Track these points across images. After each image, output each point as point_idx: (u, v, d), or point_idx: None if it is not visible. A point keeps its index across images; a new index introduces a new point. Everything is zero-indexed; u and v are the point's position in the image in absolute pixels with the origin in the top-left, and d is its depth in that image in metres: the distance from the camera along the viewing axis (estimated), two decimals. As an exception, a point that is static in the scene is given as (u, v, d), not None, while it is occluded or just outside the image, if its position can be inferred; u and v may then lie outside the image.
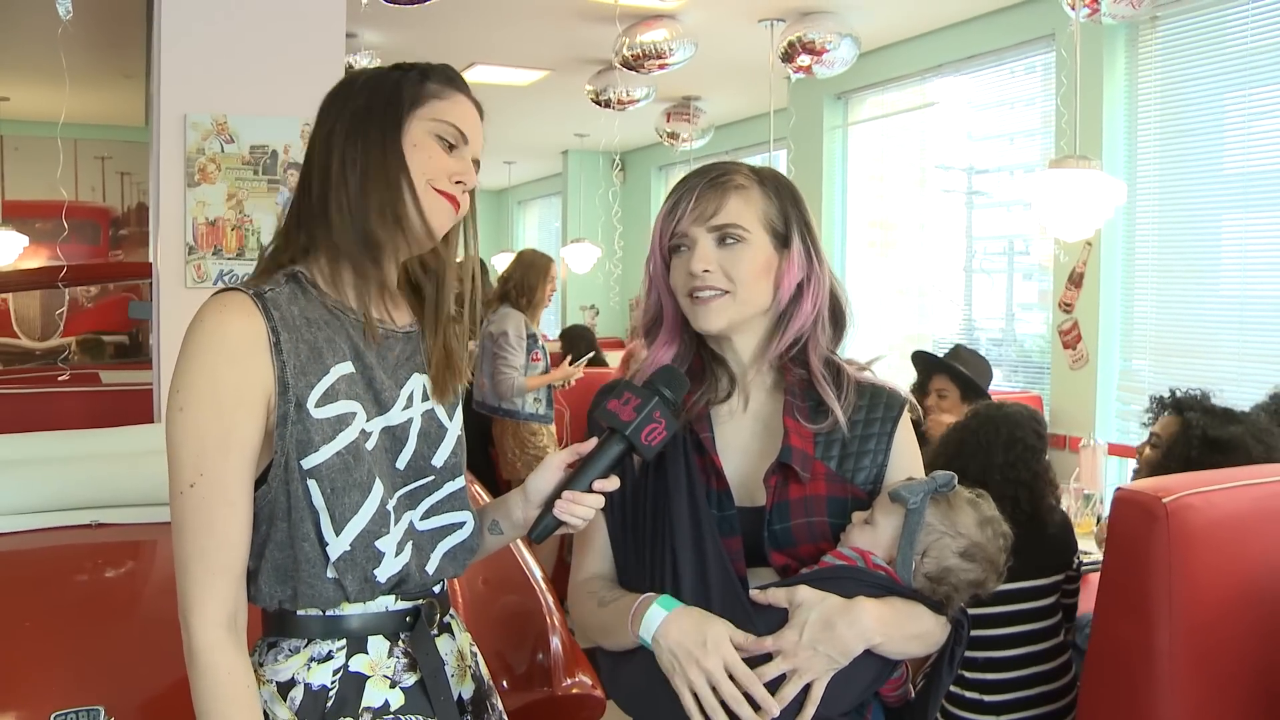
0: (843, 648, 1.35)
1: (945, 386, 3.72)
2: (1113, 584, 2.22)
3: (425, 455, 1.40)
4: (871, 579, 1.41)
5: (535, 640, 2.19)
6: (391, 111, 1.34)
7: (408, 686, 1.36)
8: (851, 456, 1.51)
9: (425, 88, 1.37)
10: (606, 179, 9.91)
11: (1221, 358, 4.61)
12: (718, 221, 1.46)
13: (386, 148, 1.33)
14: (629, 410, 1.37)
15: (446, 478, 1.43)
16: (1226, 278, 4.70)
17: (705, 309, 1.48)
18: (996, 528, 1.48)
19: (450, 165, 1.36)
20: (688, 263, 1.47)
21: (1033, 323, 5.96)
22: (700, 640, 1.32)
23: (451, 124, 1.37)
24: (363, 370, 1.34)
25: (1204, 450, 2.57)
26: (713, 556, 1.41)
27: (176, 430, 1.26)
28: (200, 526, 1.25)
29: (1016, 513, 2.51)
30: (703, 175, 1.50)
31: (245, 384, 1.26)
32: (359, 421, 1.32)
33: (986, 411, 2.74)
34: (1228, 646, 2.17)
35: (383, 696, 1.34)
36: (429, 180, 1.35)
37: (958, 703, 2.59)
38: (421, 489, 1.40)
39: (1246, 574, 2.19)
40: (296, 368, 1.28)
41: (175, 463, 1.26)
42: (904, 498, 1.42)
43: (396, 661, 1.36)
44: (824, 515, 1.47)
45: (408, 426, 1.38)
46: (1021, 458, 2.60)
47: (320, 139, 1.36)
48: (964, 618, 1.49)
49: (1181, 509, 2.10)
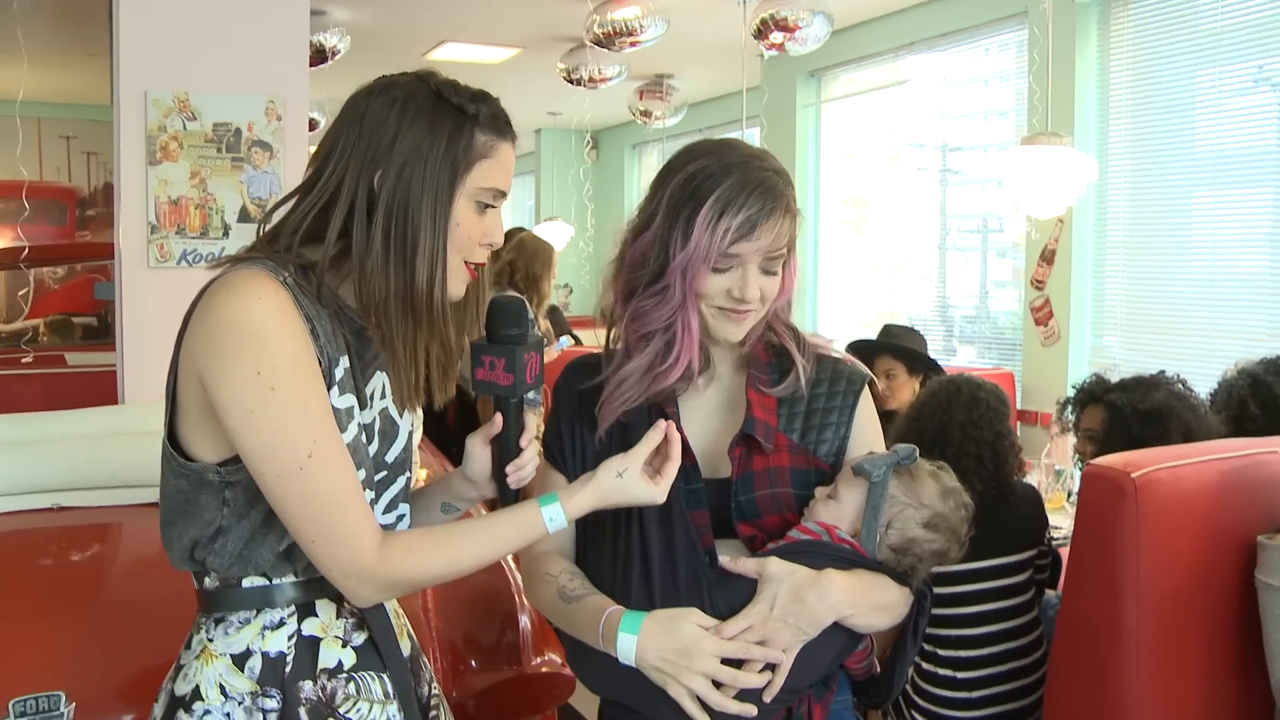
0: (812, 619, 1.36)
1: (890, 366, 3.72)
2: (1081, 559, 2.24)
3: (382, 452, 1.42)
4: (837, 552, 1.42)
5: (503, 619, 2.19)
6: (445, 184, 1.31)
7: (359, 645, 1.39)
8: (814, 429, 1.52)
9: (474, 145, 1.33)
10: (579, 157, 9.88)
11: (1191, 334, 4.64)
12: (773, 252, 1.43)
13: (435, 231, 1.31)
14: (500, 373, 1.38)
15: (399, 472, 1.45)
16: (1197, 255, 4.73)
17: (737, 326, 1.46)
18: (958, 498, 1.50)
19: (482, 229, 1.36)
20: (733, 285, 1.42)
21: (1005, 300, 5.99)
22: (681, 650, 1.32)
23: (494, 189, 1.36)
24: (351, 366, 1.36)
25: (1141, 424, 2.59)
26: (680, 530, 1.42)
27: (275, 410, 1.24)
28: (332, 490, 1.27)
29: (980, 470, 2.53)
30: (764, 198, 1.40)
31: (311, 356, 1.28)
32: (356, 414, 1.35)
33: (949, 377, 2.77)
34: (1193, 621, 2.19)
35: (336, 656, 1.37)
36: (463, 257, 1.35)
37: (931, 680, 2.60)
38: (380, 484, 1.42)
39: (1212, 548, 2.21)
40: (326, 354, 1.30)
41: (282, 441, 1.25)
42: (867, 471, 1.43)
43: (345, 622, 1.39)
44: (788, 486, 1.49)
45: (373, 425, 1.40)
46: (984, 417, 2.60)
47: (360, 161, 1.31)
48: (927, 589, 1.51)
49: (1150, 484, 2.12)
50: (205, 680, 1.33)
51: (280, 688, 1.33)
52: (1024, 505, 2.67)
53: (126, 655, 1.93)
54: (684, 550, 1.41)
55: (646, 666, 1.33)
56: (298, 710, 1.33)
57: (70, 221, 9.19)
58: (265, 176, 3.64)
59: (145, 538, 2.39)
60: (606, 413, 1.48)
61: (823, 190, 7.10)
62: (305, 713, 1.34)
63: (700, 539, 1.43)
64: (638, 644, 1.33)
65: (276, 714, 1.33)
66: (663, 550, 1.42)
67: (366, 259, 1.30)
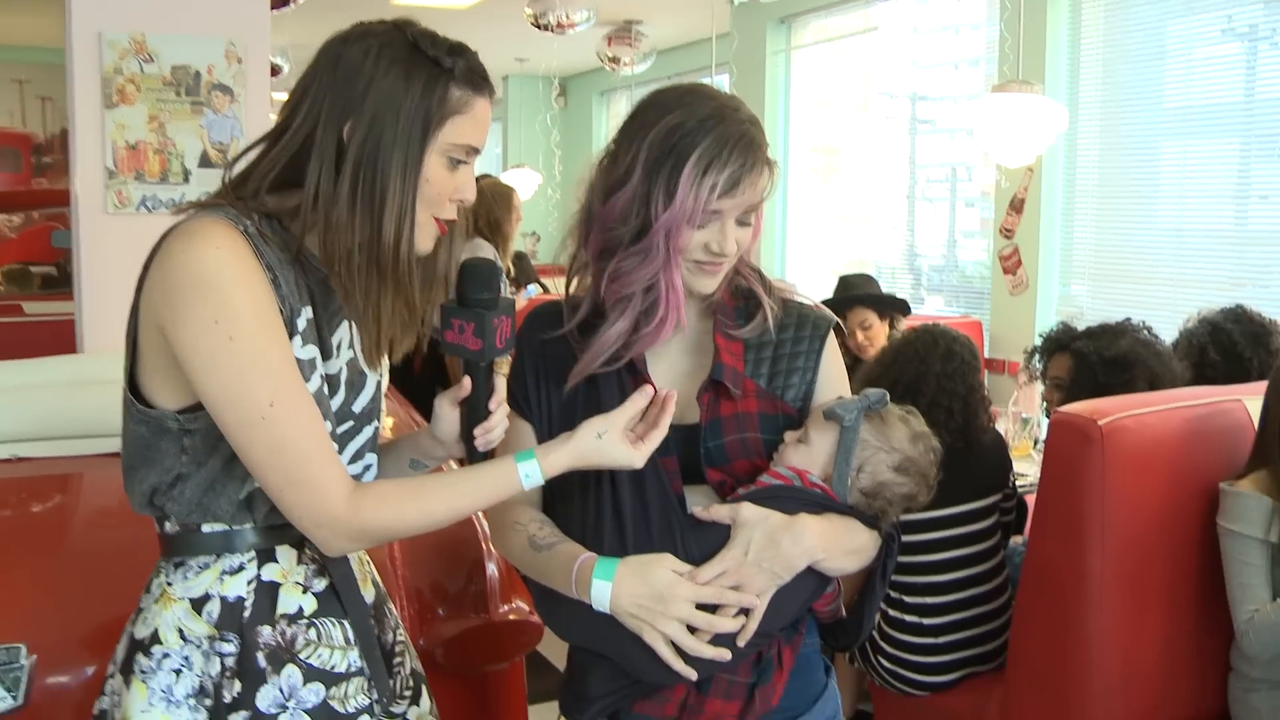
0: (787, 564, 1.37)
1: (863, 317, 3.73)
2: (1047, 506, 2.27)
3: (349, 402, 1.40)
4: (809, 497, 1.42)
5: (470, 567, 2.18)
6: (416, 139, 1.28)
7: (319, 591, 1.39)
8: (781, 374, 1.52)
9: (449, 99, 1.30)
10: (546, 104, 9.79)
11: (1158, 284, 4.68)
12: (750, 203, 1.42)
13: (405, 186, 1.29)
14: (470, 337, 1.35)
15: (365, 422, 1.44)
16: (1164, 205, 4.76)
17: (712, 279, 1.45)
18: (927, 442, 1.51)
19: (454, 185, 1.34)
20: (711, 239, 1.41)
21: (974, 249, 6.01)
22: (656, 595, 1.32)
23: (467, 145, 1.33)
24: (315, 316, 1.34)
25: (1108, 372, 2.61)
26: (651, 475, 1.41)
27: (235, 359, 1.23)
28: (297, 438, 1.26)
29: (950, 422, 2.54)
30: (746, 153, 1.38)
31: (273, 306, 1.26)
32: (319, 366, 1.34)
33: (925, 327, 2.77)
34: (1156, 565, 2.23)
35: (297, 602, 1.37)
36: (433, 213, 1.33)
37: (898, 627, 2.63)
38: (346, 434, 1.41)
39: (1176, 494, 2.25)
40: (288, 304, 1.29)
41: (243, 390, 1.24)
42: (839, 415, 1.43)
43: (306, 568, 1.39)
44: (756, 431, 1.48)
45: (339, 375, 1.39)
46: (958, 370, 2.62)
47: (331, 109, 1.29)
48: (895, 532, 1.51)
49: (1116, 431, 2.15)
50: (164, 624, 1.33)
51: (238, 632, 1.33)
52: (989, 452, 2.69)
53: (88, 606, 1.91)
54: (656, 497, 1.41)
55: (621, 613, 1.33)
56: (255, 655, 1.33)
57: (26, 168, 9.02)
58: (226, 121, 3.57)
59: (105, 488, 2.36)
60: (579, 371, 1.46)
61: (792, 138, 7.07)
62: (263, 657, 1.34)
63: (670, 485, 1.42)
64: (612, 590, 1.33)
65: (234, 658, 1.33)
66: (634, 497, 1.41)
67: (333, 210, 1.28)
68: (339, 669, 1.39)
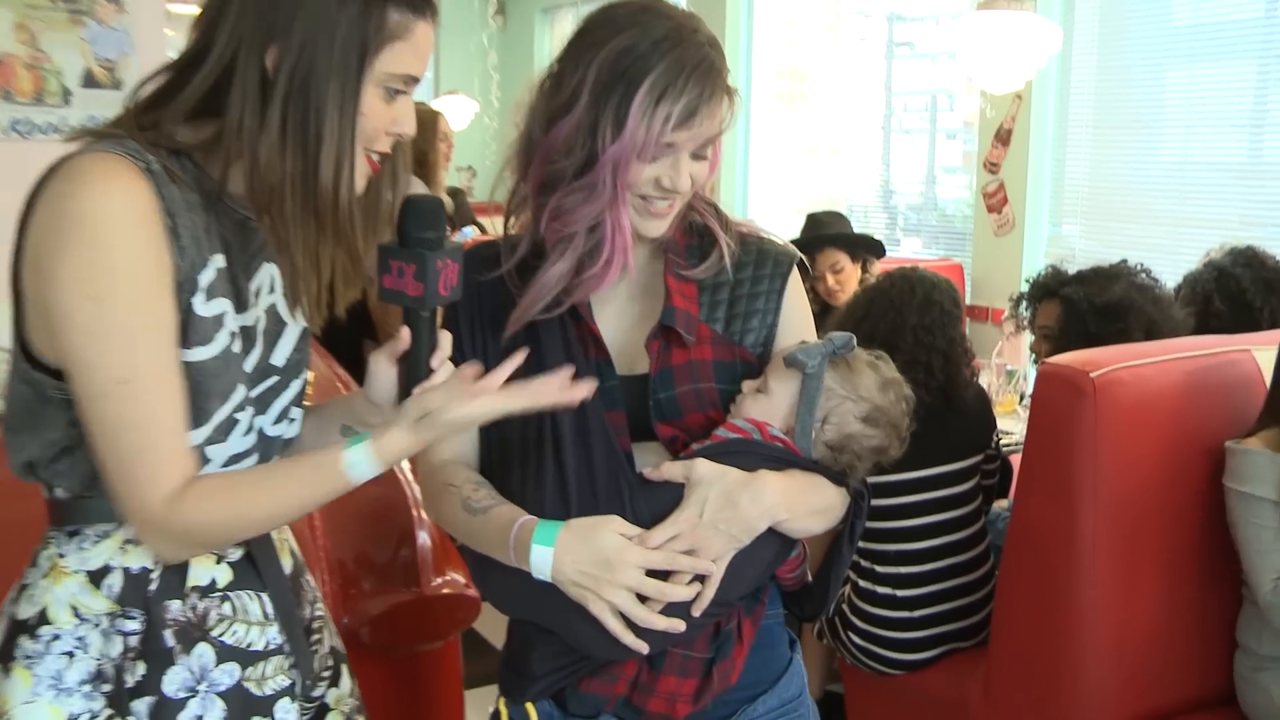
0: (746, 525, 1.37)
1: (834, 259, 3.74)
2: (1035, 465, 2.29)
3: (267, 354, 1.39)
4: (770, 451, 1.43)
5: (399, 536, 2.18)
6: (353, 69, 1.25)
7: (235, 561, 1.39)
8: (739, 317, 1.52)
9: (386, 24, 1.27)
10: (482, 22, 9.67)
11: (1160, 223, 4.70)
12: (708, 135, 1.42)
13: (342, 122, 1.26)
14: (410, 282, 1.33)
15: (291, 376, 1.43)
16: (1169, 136, 4.76)
17: (661, 220, 1.45)
18: (899, 390, 1.52)
19: (391, 117, 1.31)
20: (663, 174, 1.41)
21: (955, 186, 6.04)
22: (602, 561, 1.32)
23: (406, 74, 1.31)
24: (229, 264, 1.32)
25: (1099, 320, 2.62)
26: (596, 431, 1.42)
27: (92, 323, 1.20)
28: (138, 422, 1.23)
29: (930, 380, 2.56)
30: (703, 81, 1.38)
31: (160, 264, 1.23)
32: (229, 321, 1.31)
33: (900, 272, 2.78)
34: (1152, 530, 2.26)
35: (209, 574, 1.36)
36: (366, 148, 1.31)
37: (869, 599, 2.66)
38: (270, 391, 1.39)
39: (1176, 453, 2.27)
40: (188, 256, 1.26)
41: (93, 359, 1.22)
42: (801, 361, 1.44)
43: None
44: (712, 381, 1.49)
45: (255, 327, 1.37)
46: (938, 321, 2.63)
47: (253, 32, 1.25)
48: (864, 489, 1.53)
49: (1110, 384, 2.17)
50: (54, 601, 1.31)
51: (143, 607, 1.32)
52: (971, 409, 2.71)
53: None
54: (602, 454, 1.41)
55: (564, 581, 1.33)
56: (162, 632, 1.32)
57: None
58: (114, 34, 3.48)
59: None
60: (517, 318, 1.46)
61: (755, 61, 7.04)
62: (172, 635, 1.32)
63: (617, 441, 1.43)
64: (554, 556, 1.33)
65: (138, 637, 1.31)
66: (578, 455, 1.41)
67: (260, 146, 1.25)
68: (256, 647, 1.38)
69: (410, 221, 1.35)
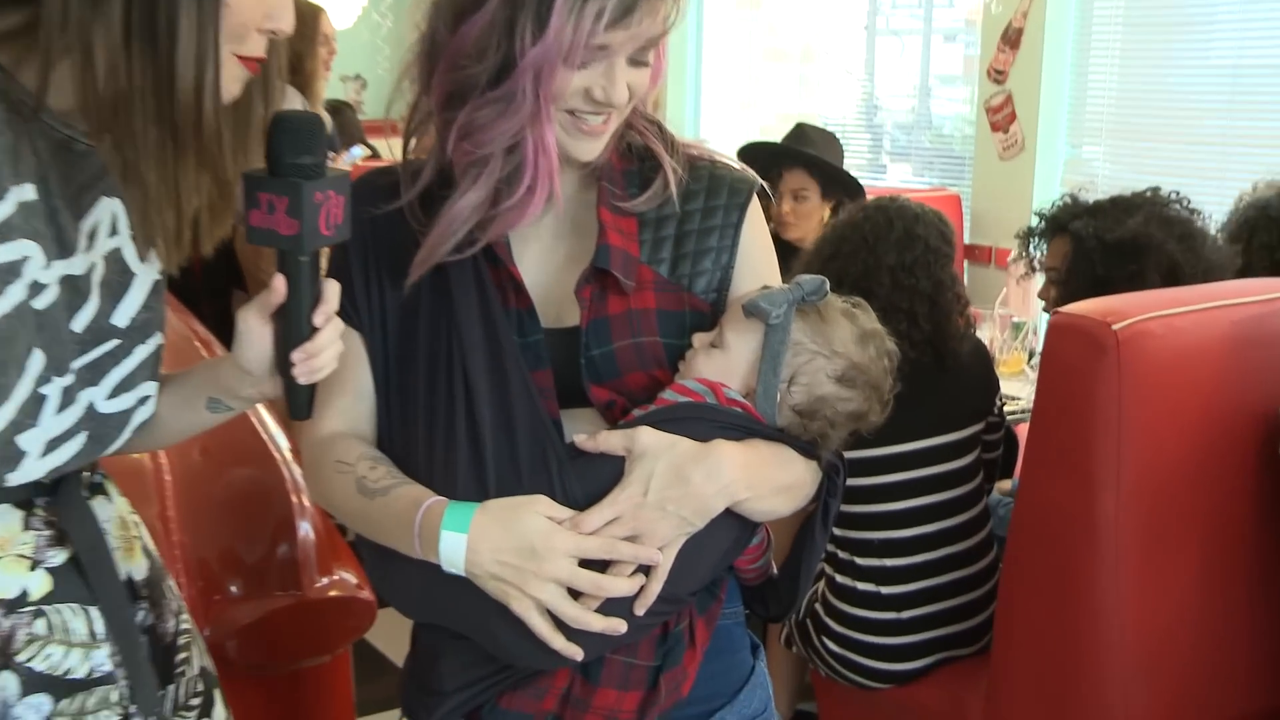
0: (699, 506, 1.39)
1: (802, 185, 3.74)
2: (1046, 437, 2.29)
3: (106, 312, 1.37)
4: (727, 418, 1.44)
5: (275, 528, 2.18)
6: None
7: (56, 566, 1.37)
8: (688, 257, 1.53)
9: None
10: (369, -107, 9.54)
11: (1203, 142, 4.69)
12: (649, 36, 1.41)
13: (203, 18, 1.21)
14: (282, 218, 1.32)
15: (137, 340, 1.41)
16: (1218, 36, 4.73)
17: (593, 141, 1.46)
18: (880, 344, 1.53)
19: (262, 9, 1.28)
20: (594, 83, 1.41)
21: (954, 100, 6.07)
22: (526, 550, 1.33)
23: None
24: (46, 196, 1.29)
25: (1109, 261, 2.62)
26: (519, 395, 1.42)
27: None
28: None
29: (913, 332, 2.57)
30: None
31: None
32: (32, 270, 1.27)
33: (876, 202, 2.77)
34: (1187, 513, 2.28)
35: (19, 583, 1.34)
36: (234, 49, 1.26)
37: (848, 597, 2.68)
38: (107, 358, 1.37)
39: (1218, 421, 2.28)
40: None
41: None
42: (764, 310, 1.44)
43: (36, 535, 1.36)
44: (655, 334, 1.50)
45: (89, 276, 1.34)
46: (921, 259, 2.63)
47: None
48: (839, 462, 1.55)
49: (1137, 337, 2.16)
50: None
51: None
52: (967, 367, 2.72)
53: None
54: (525, 422, 1.42)
55: (480, 574, 1.34)
56: None
57: None
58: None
59: None
60: (422, 260, 1.46)
61: (710, -55, 7.04)
62: None
63: (544, 407, 1.44)
64: (468, 544, 1.34)
65: None
66: (497, 423, 1.42)
67: (94, 41, 1.21)
68: (77, 674, 1.37)
69: (281, 144, 1.32)
